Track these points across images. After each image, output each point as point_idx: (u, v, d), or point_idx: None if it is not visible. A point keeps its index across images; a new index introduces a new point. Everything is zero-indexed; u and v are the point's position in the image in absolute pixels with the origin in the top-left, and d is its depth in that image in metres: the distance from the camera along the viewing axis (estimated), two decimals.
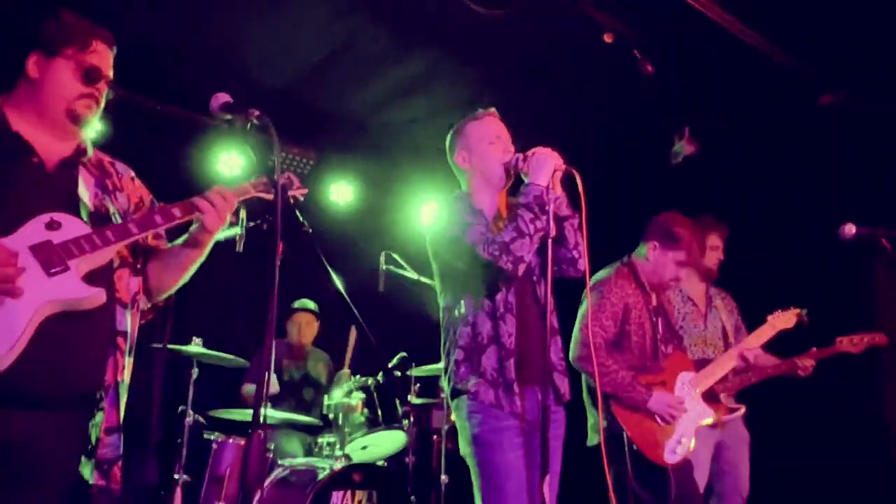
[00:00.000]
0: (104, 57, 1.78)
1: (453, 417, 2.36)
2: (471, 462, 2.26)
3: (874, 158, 4.09)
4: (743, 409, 3.17)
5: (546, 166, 2.30)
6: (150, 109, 4.39)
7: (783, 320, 3.22)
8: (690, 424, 2.94)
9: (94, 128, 1.87)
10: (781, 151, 4.26)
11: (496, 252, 2.22)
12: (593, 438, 3.00)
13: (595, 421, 3.00)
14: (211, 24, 3.91)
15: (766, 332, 3.22)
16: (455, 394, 2.31)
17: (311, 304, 4.65)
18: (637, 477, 2.80)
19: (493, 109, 2.52)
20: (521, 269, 2.26)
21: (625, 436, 2.83)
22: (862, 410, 3.89)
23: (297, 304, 4.65)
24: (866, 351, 3.29)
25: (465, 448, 2.28)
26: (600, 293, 3.01)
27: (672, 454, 2.87)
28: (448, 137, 2.55)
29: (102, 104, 1.79)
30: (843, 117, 4.12)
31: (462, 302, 2.33)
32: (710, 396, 3.10)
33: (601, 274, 3.11)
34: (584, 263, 2.40)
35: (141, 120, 4.13)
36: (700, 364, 3.14)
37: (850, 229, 2.76)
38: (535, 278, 2.39)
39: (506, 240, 2.23)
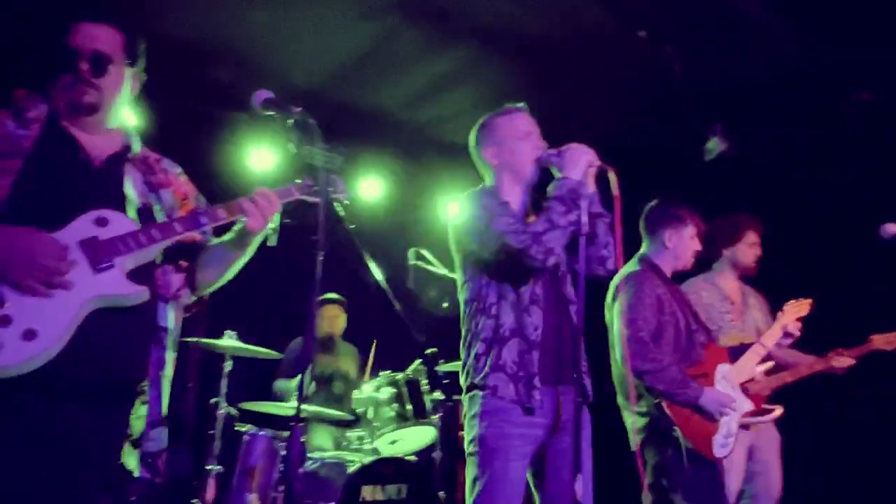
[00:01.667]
0: (85, 34, 1.70)
1: (464, 413, 2.25)
2: (471, 461, 2.17)
3: None
4: (779, 411, 3.08)
5: (580, 162, 2.24)
6: (187, 107, 4.45)
7: (798, 307, 3.13)
8: (735, 417, 2.86)
9: (125, 118, 1.84)
10: (817, 148, 4.17)
11: (528, 241, 2.14)
12: (633, 440, 2.87)
13: (633, 422, 2.88)
14: (246, 26, 3.92)
15: (780, 320, 3.12)
16: (470, 388, 2.22)
17: (336, 296, 4.64)
18: (690, 474, 2.71)
19: (522, 105, 2.45)
20: (552, 261, 2.19)
21: (678, 434, 2.73)
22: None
23: (322, 297, 4.64)
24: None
25: (469, 446, 2.19)
26: (634, 286, 2.88)
27: (722, 448, 2.78)
28: (474, 131, 2.47)
29: (105, 84, 1.71)
30: (879, 113, 4.02)
31: (485, 294, 2.24)
32: (745, 390, 3.01)
33: (626, 270, 3.00)
34: (613, 262, 2.33)
35: (177, 117, 4.18)
36: (733, 353, 3.05)
37: (891, 228, 2.70)
38: (560, 274, 2.32)
39: (538, 230, 2.16)
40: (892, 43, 3.66)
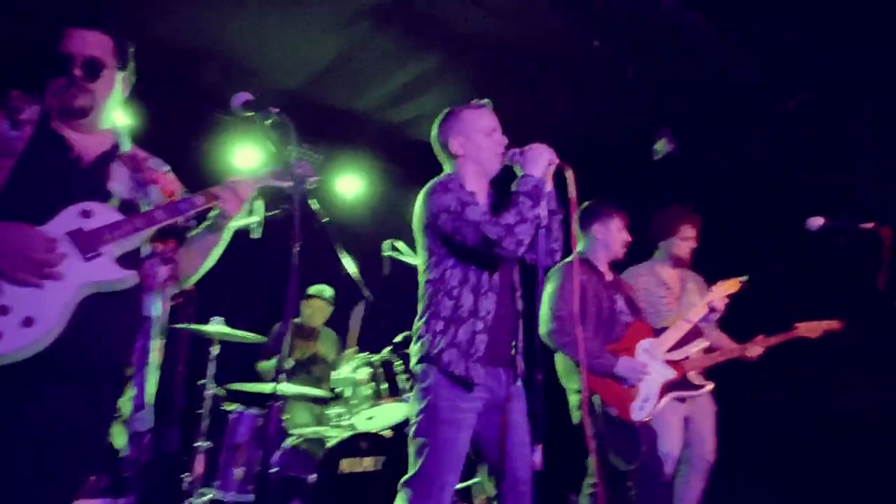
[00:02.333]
0: (77, 40, 1.68)
1: (417, 381, 2.22)
2: (418, 430, 2.15)
3: (833, 156, 4.11)
4: (710, 386, 3.19)
5: (541, 160, 2.26)
6: (173, 107, 4.38)
7: (727, 286, 3.20)
8: (654, 385, 3.01)
9: (116, 118, 1.82)
10: (752, 150, 4.25)
11: (502, 233, 2.15)
12: (577, 416, 3.01)
13: (576, 400, 3.02)
14: (228, 30, 3.88)
15: (707, 296, 3.18)
16: (424, 359, 2.20)
17: (328, 293, 4.61)
18: (612, 436, 2.86)
19: (487, 101, 2.43)
20: (521, 251, 2.20)
21: (597, 400, 2.89)
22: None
23: (313, 291, 4.60)
24: (823, 337, 3.29)
25: (418, 416, 2.16)
26: (562, 274, 3.07)
27: (640, 412, 2.95)
28: (438, 121, 2.44)
29: (96, 88, 1.69)
30: (805, 118, 4.12)
31: (449, 276, 2.24)
32: (675, 367, 3.11)
33: (559, 265, 3.10)
34: (560, 255, 2.41)
35: (165, 117, 4.12)
36: (659, 333, 3.16)
37: (815, 221, 2.78)
38: (511, 263, 2.35)
39: (510, 222, 2.17)
40: (823, 48, 3.75)
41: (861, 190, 3.89)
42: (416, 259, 3.59)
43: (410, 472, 2.15)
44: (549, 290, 3.03)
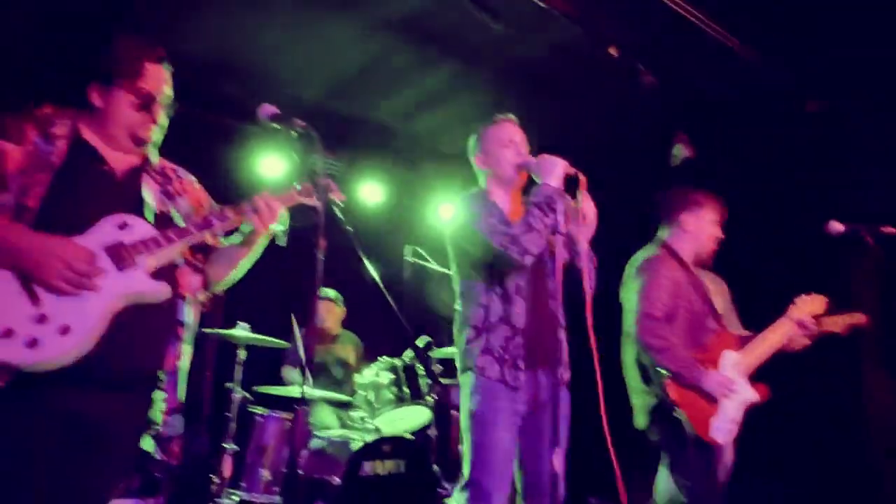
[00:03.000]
0: (157, 78, 1.76)
1: (462, 389, 2.32)
2: (466, 436, 2.26)
3: (855, 160, 4.06)
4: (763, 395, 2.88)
5: (555, 170, 2.30)
6: (201, 118, 4.46)
7: (813, 304, 2.90)
8: (739, 405, 2.68)
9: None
10: (772, 154, 4.21)
11: (506, 242, 2.23)
12: (640, 420, 2.74)
13: (642, 402, 2.73)
14: (250, 42, 3.94)
15: (793, 314, 2.86)
16: (463, 370, 2.31)
17: (330, 293, 4.65)
18: (688, 456, 2.58)
19: (511, 115, 2.52)
20: (528, 260, 2.26)
21: (679, 415, 2.59)
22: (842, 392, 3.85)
23: (321, 294, 4.65)
24: (850, 332, 3.10)
25: (464, 422, 2.28)
26: (653, 269, 2.74)
27: (718, 432, 2.61)
28: (470, 142, 2.57)
29: (164, 122, 1.80)
30: (827, 122, 4.07)
31: (476, 286, 2.32)
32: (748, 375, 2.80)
33: (644, 254, 2.84)
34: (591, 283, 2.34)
35: (191, 128, 4.18)
36: (743, 341, 2.83)
37: (836, 226, 2.74)
38: (545, 271, 2.38)
39: (516, 233, 2.25)
40: (841, 57, 3.71)
41: (877, 193, 3.84)
42: (437, 265, 3.63)
43: (464, 477, 2.23)
44: (636, 286, 2.73)
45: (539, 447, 2.24)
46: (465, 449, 2.24)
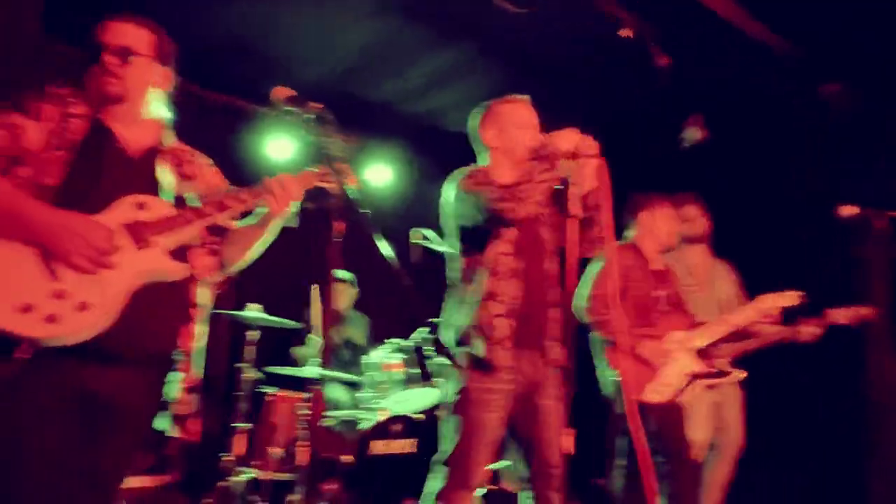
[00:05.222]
0: (112, 30, 1.71)
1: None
2: (451, 412, 2.20)
3: (868, 144, 4.01)
4: (742, 374, 3.11)
5: (568, 139, 2.19)
6: (207, 100, 4.44)
7: (784, 298, 3.07)
8: (677, 372, 2.97)
9: (160, 110, 1.83)
10: (785, 137, 4.16)
11: (505, 195, 2.15)
12: (607, 391, 3.01)
13: (604, 377, 3.01)
14: (258, 22, 3.91)
15: (759, 304, 3.07)
16: (454, 343, 2.24)
17: (344, 275, 4.65)
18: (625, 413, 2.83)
19: (527, 97, 2.42)
20: (522, 213, 2.16)
21: (618, 377, 2.90)
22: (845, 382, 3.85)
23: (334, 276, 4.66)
24: (857, 323, 3.18)
25: (451, 396, 2.21)
26: (606, 256, 2.98)
27: (653, 394, 2.92)
28: (477, 114, 2.45)
29: (128, 74, 1.70)
30: (842, 106, 4.02)
31: (471, 264, 2.26)
32: (705, 355, 3.04)
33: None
34: (608, 243, 2.32)
35: (196, 109, 4.17)
36: (695, 326, 3.09)
37: (848, 210, 2.73)
38: (544, 252, 2.33)
39: (511, 183, 2.17)
40: (854, 39, 3.65)
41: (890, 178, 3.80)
42: (444, 247, 3.63)
43: (442, 451, 2.19)
44: (591, 271, 2.99)
45: (544, 431, 2.21)
46: (450, 424, 2.19)
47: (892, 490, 3.53)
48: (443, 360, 3.41)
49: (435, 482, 2.19)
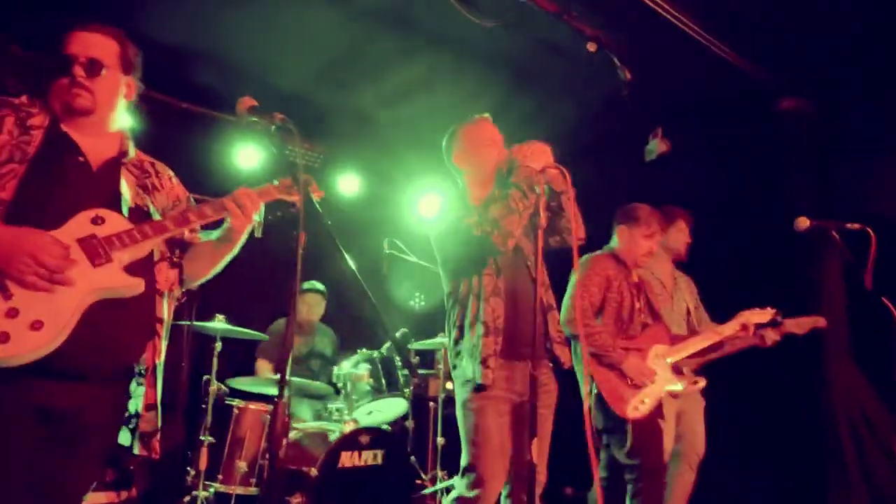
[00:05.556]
0: (80, 41, 1.69)
1: (449, 386, 2.45)
2: (460, 425, 2.35)
3: (824, 158, 4.15)
4: (703, 383, 3.21)
5: (541, 156, 2.34)
6: (175, 108, 4.37)
7: (760, 315, 3.23)
8: (657, 390, 3.01)
9: (122, 120, 1.81)
10: (743, 150, 4.27)
11: (487, 228, 2.26)
12: (586, 404, 3.02)
13: (588, 388, 3.03)
14: (226, 29, 3.87)
15: (740, 319, 3.22)
16: (453, 367, 2.42)
17: (319, 286, 4.63)
18: (606, 427, 2.97)
19: (487, 115, 2.53)
20: (511, 243, 2.29)
21: (596, 390, 2.95)
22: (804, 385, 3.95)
23: (306, 286, 4.62)
24: (810, 333, 3.34)
25: (458, 412, 2.36)
26: (587, 265, 3.12)
27: (634, 410, 2.94)
28: (445, 140, 2.56)
29: (97, 87, 1.68)
30: (798, 120, 4.14)
31: (458, 287, 2.39)
32: (677, 369, 3.13)
33: (586, 255, 3.21)
34: (579, 231, 2.43)
35: (164, 117, 4.10)
36: (675, 339, 3.18)
37: (803, 222, 2.80)
38: (529, 263, 2.41)
39: (496, 216, 2.27)
40: (811, 56, 3.77)
41: (844, 190, 3.93)
42: (415, 257, 3.69)
43: (462, 465, 2.30)
44: (572, 281, 3.02)
45: (521, 437, 2.30)
46: (463, 436, 2.33)
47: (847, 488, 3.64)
48: (407, 371, 3.46)
49: (456, 490, 2.31)
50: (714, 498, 3.64)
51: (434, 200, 4.80)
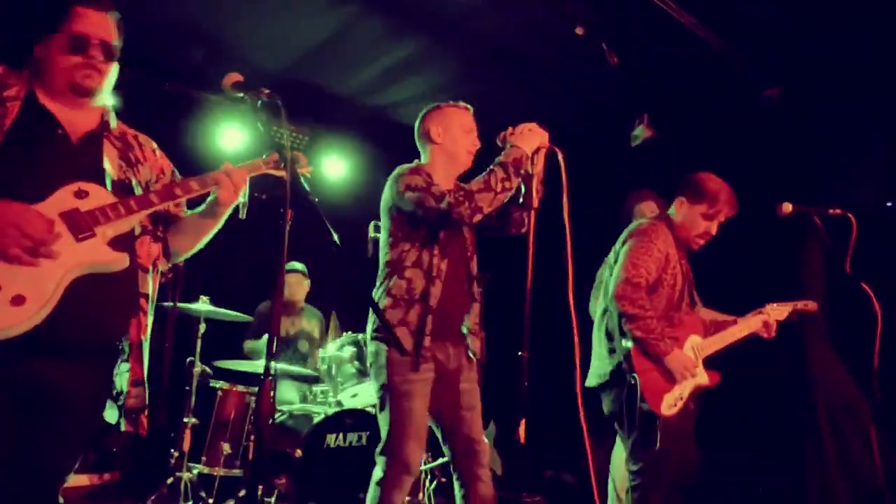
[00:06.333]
0: (93, 22, 1.66)
1: (370, 359, 2.36)
2: (381, 405, 2.30)
3: (809, 145, 4.19)
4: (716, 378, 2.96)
5: (532, 138, 2.30)
6: (160, 87, 4.31)
7: (782, 310, 3.03)
8: (689, 387, 2.71)
9: (107, 98, 1.78)
10: (729, 136, 4.30)
11: (460, 197, 2.22)
12: (592, 380, 2.79)
13: (600, 364, 2.76)
14: (215, 9, 3.81)
15: (764, 315, 2.99)
16: (376, 337, 2.33)
17: (299, 266, 4.60)
18: (636, 418, 2.60)
19: (470, 107, 2.52)
20: (477, 219, 2.26)
21: (635, 381, 2.59)
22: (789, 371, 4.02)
23: (287, 266, 4.60)
24: (798, 317, 3.21)
25: (379, 391, 2.30)
26: (647, 237, 2.72)
27: (670, 408, 2.64)
28: (426, 110, 2.52)
29: (108, 70, 1.69)
30: (783, 108, 4.18)
31: (403, 257, 2.32)
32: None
33: (640, 223, 2.85)
34: (525, 226, 2.34)
35: (148, 96, 4.04)
36: (706, 328, 2.92)
37: (786, 207, 2.83)
38: (469, 254, 2.43)
39: (472, 188, 2.24)
40: (797, 45, 3.80)
41: (831, 178, 3.97)
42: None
43: (381, 444, 2.28)
44: (625, 249, 2.70)
45: (464, 411, 2.34)
46: (382, 418, 2.28)
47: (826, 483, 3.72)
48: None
49: (377, 471, 2.28)
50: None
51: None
